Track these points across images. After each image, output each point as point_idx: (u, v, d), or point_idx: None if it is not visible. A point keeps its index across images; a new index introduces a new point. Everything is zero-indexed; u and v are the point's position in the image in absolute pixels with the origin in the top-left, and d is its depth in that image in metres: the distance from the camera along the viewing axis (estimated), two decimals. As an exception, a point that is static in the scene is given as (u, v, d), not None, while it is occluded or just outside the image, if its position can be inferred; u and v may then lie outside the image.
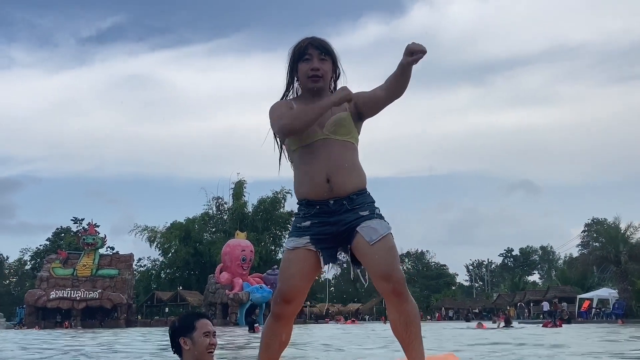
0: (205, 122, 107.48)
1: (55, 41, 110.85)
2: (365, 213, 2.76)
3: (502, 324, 24.88)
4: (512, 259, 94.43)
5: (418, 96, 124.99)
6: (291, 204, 64.84)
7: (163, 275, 61.38)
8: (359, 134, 2.91)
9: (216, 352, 3.50)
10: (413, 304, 2.69)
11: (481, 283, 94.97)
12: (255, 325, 21.50)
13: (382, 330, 17.91)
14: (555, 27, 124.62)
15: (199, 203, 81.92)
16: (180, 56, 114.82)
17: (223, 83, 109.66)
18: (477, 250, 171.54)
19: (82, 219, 65.00)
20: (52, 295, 40.04)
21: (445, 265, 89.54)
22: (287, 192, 62.25)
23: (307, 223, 2.81)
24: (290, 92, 3.02)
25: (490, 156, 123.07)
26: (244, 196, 61.30)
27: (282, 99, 3.01)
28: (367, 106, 2.86)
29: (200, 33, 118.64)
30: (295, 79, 2.98)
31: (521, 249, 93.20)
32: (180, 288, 55.46)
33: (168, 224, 60.28)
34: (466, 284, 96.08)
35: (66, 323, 38.19)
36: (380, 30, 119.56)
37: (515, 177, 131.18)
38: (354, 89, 2.82)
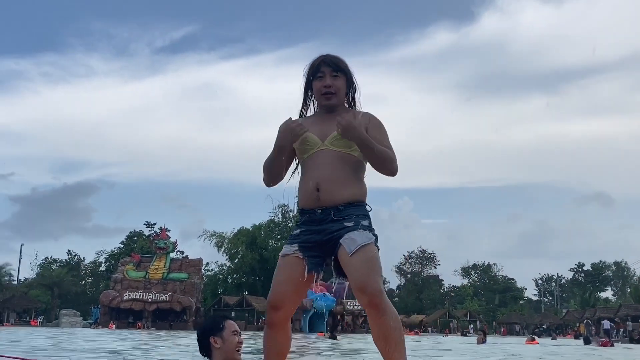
0: (272, 130, 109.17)
1: (131, 51, 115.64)
2: (350, 224, 2.74)
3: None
4: (583, 274, 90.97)
5: (488, 104, 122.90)
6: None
7: (230, 280, 62.77)
8: None
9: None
10: (392, 316, 2.62)
11: (550, 298, 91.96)
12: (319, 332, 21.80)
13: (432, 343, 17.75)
14: (631, 34, 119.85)
15: (265, 210, 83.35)
16: (249, 65, 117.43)
17: (290, 92, 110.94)
18: (547, 264, 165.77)
19: (154, 223, 67.38)
20: (126, 296, 41.79)
21: (513, 279, 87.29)
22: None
23: (297, 231, 2.86)
24: (306, 109, 3.08)
25: (562, 167, 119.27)
26: (310, 204, 62.05)
27: (299, 116, 3.08)
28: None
29: (269, 42, 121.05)
30: (311, 95, 3.03)
31: (593, 264, 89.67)
32: (246, 293, 56.58)
33: (235, 230, 61.79)
34: (534, 298, 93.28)
35: (139, 324, 39.77)
36: (449, 38, 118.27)
37: (589, 189, 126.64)
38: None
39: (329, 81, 2.91)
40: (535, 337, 27.31)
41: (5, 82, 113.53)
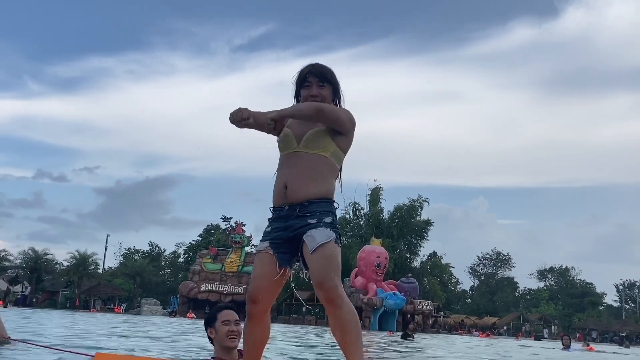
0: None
1: (211, 49, 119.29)
2: (313, 221, 2.88)
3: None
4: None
5: (571, 102, 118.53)
6: (428, 212, 64.82)
7: (301, 275, 63.61)
8: (344, 145, 3.10)
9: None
10: (348, 311, 2.78)
11: (632, 305, 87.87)
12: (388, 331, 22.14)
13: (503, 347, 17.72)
14: None
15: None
16: (323, 62, 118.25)
17: (364, 89, 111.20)
18: (629, 270, 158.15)
19: (231, 218, 69.38)
20: (203, 287, 43.51)
21: (591, 284, 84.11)
22: (425, 200, 62.25)
23: (269, 228, 3.03)
24: None
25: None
26: (380, 202, 62.22)
27: None
28: None
29: (344, 39, 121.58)
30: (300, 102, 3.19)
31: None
32: (317, 288, 57.47)
33: (307, 226, 62.72)
34: (615, 304, 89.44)
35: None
36: (531, 33, 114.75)
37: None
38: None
39: (315, 90, 3.12)
40: (591, 344, 26.57)
41: (92, 79, 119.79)
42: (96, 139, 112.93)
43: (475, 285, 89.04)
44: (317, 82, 3.14)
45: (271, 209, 3.08)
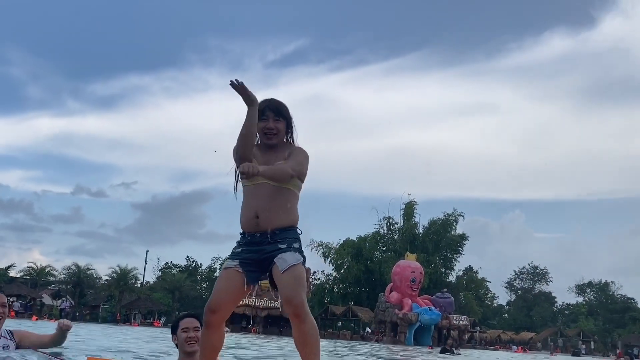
0: (378, 141, 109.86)
1: (244, 66, 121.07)
2: (284, 246, 3.24)
3: None
4: None
5: (609, 112, 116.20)
6: (463, 226, 64.33)
7: (336, 290, 63.82)
8: (302, 179, 3.41)
9: None
10: (312, 326, 3.12)
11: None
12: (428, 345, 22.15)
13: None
14: None
15: (370, 221, 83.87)
16: (356, 76, 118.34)
17: (397, 102, 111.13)
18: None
19: (265, 233, 69.77)
20: (239, 302, 44.08)
21: (633, 299, 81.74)
22: (460, 215, 61.89)
23: (239, 249, 3.34)
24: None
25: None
26: (415, 217, 62.09)
27: None
28: None
29: (377, 53, 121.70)
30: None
31: None
32: (352, 303, 57.46)
33: (341, 241, 62.87)
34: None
35: (253, 329, 41.79)
36: (567, 44, 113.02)
37: None
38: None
39: (271, 124, 3.44)
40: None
41: (129, 97, 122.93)
42: (133, 155, 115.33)
43: (512, 300, 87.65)
44: (273, 116, 3.47)
45: (241, 233, 3.41)
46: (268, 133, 3.46)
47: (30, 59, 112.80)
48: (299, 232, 3.40)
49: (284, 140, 3.54)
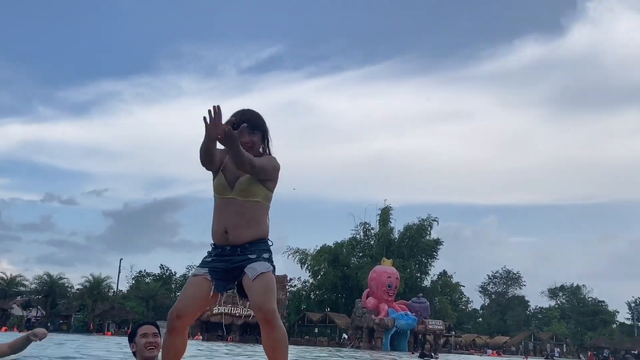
0: (354, 147, 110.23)
1: (219, 72, 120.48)
2: (253, 257, 3.30)
3: None
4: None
5: (581, 119, 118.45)
6: (438, 231, 64.72)
7: (312, 297, 63.67)
8: (271, 186, 3.44)
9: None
10: (281, 332, 3.18)
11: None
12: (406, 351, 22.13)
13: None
14: None
15: (347, 227, 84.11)
16: (333, 83, 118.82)
17: (373, 109, 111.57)
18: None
19: (240, 240, 69.36)
20: (215, 310, 43.55)
21: (603, 302, 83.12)
22: (434, 220, 62.25)
23: (209, 258, 3.40)
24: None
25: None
26: (390, 222, 62.30)
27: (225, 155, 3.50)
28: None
29: (353, 59, 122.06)
30: None
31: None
32: (328, 310, 57.36)
33: (318, 247, 62.80)
34: (628, 322, 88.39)
35: (230, 337, 41.41)
36: (538, 51, 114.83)
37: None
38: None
39: (247, 138, 3.38)
40: None
41: (102, 103, 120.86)
42: (105, 162, 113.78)
43: (486, 304, 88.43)
44: (248, 130, 3.38)
45: (212, 244, 3.44)
46: (243, 146, 3.34)
47: (0, 64, 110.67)
48: (270, 243, 3.44)
49: (260, 151, 3.52)
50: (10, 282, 51.63)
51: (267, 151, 3.56)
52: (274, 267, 3.35)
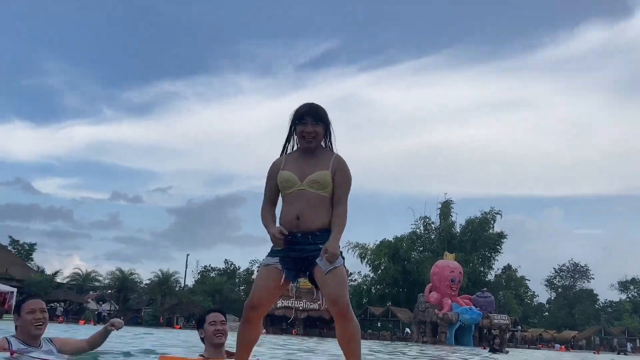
0: (412, 140, 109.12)
1: (274, 69, 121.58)
2: None
3: None
4: None
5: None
6: (501, 225, 63.44)
7: (373, 291, 63.70)
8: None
9: None
10: (355, 325, 3.29)
11: None
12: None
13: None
14: None
15: (406, 222, 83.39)
16: (387, 75, 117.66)
17: (430, 100, 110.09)
18: None
19: (300, 235, 69.96)
20: (279, 304, 44.27)
21: (678, 295, 79.63)
22: (497, 213, 61.09)
23: (279, 248, 3.43)
24: (289, 144, 3.69)
25: None
26: (452, 216, 61.55)
27: (282, 151, 3.70)
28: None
29: (407, 52, 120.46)
30: (294, 136, 3.63)
31: None
32: (389, 304, 57.28)
33: (377, 242, 62.76)
34: None
35: (294, 330, 42.04)
36: (602, 35, 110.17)
37: None
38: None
39: (310, 128, 3.50)
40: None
41: (163, 103, 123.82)
42: (167, 161, 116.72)
43: (553, 298, 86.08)
44: (312, 120, 3.53)
45: None
46: (307, 137, 3.53)
47: (66, 68, 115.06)
48: None
49: (322, 144, 3.62)
50: (86, 278, 53.98)
51: (330, 145, 3.65)
52: (344, 258, 3.40)
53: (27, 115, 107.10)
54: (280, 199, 3.61)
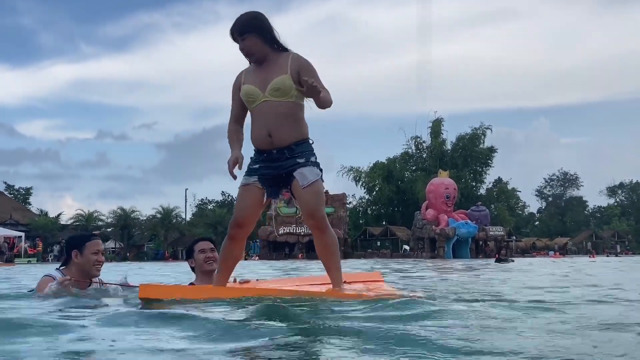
0: (396, 58, 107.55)
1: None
2: (302, 160, 3.35)
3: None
4: None
5: (632, 9, 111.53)
6: (491, 140, 63.75)
7: (370, 212, 64.75)
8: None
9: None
10: (332, 236, 3.38)
11: None
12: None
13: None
14: None
15: (398, 142, 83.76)
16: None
17: (411, 16, 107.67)
18: None
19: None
20: (281, 231, 45.02)
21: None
22: (487, 128, 61.25)
23: (256, 166, 3.44)
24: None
25: None
26: (442, 134, 61.70)
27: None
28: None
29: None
30: None
31: None
32: (384, 223, 58.35)
33: (371, 164, 63.18)
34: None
35: (301, 254, 42.84)
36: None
37: None
38: None
39: (241, 45, 3.43)
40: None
41: (141, 36, 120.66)
42: (151, 96, 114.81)
43: (544, 208, 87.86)
44: (239, 37, 3.43)
45: (255, 150, 3.49)
46: (245, 55, 3.47)
47: (36, 6, 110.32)
48: (311, 142, 3.48)
49: (270, 49, 3.44)
50: (89, 218, 54.38)
51: (278, 46, 3.47)
52: (321, 170, 3.43)
53: (3, 57, 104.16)
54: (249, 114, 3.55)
